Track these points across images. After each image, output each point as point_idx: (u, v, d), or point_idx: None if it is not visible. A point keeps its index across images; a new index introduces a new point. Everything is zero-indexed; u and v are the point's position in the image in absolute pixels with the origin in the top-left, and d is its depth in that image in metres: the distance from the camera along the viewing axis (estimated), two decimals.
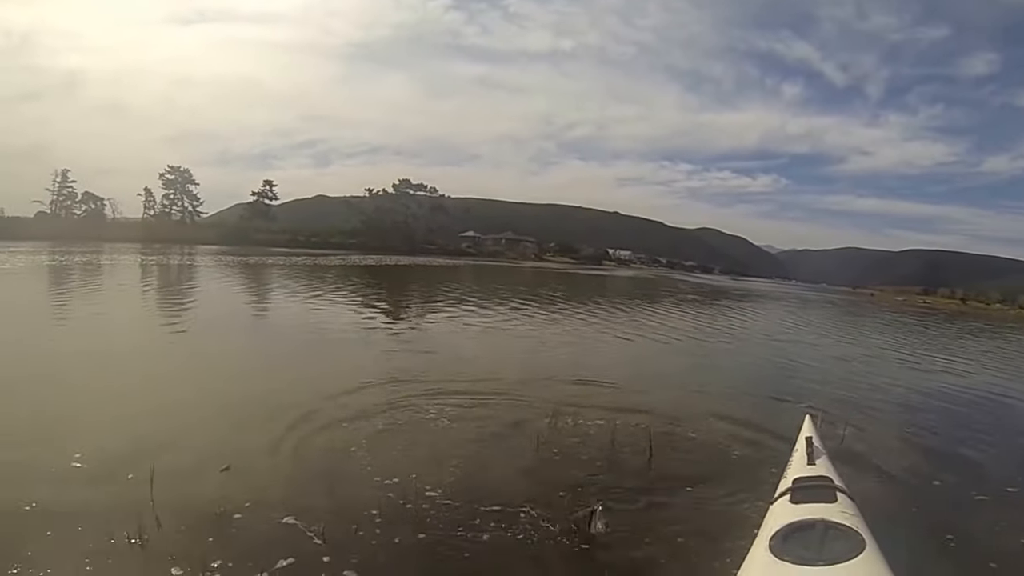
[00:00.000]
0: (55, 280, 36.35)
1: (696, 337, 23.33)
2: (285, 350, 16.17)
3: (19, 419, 8.66)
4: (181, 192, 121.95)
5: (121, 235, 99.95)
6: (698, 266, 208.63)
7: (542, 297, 39.00)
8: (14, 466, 7.04)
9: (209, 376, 12.75)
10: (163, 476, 6.60)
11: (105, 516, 5.92)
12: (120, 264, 52.14)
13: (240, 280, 42.43)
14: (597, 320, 27.03)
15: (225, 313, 24.52)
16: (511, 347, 18.63)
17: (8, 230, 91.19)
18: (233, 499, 6.38)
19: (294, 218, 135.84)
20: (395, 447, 8.43)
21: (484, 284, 49.99)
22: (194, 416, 9.30)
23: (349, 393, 10.93)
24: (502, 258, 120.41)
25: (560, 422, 9.66)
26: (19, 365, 12.49)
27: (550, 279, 65.54)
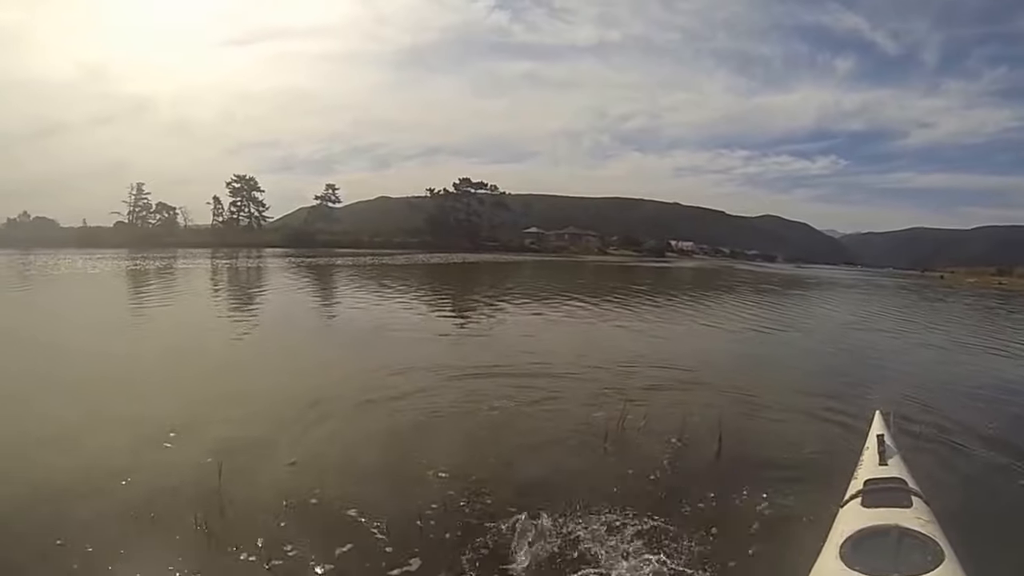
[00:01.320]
0: (137, 283, 37.75)
1: (764, 327, 22.59)
2: (355, 346, 16.39)
3: (100, 413, 9.10)
4: (247, 199, 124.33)
5: (193, 241, 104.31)
6: (760, 255, 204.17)
7: (608, 290, 38.30)
8: (99, 453, 7.50)
9: (279, 370, 13.18)
10: (232, 468, 6.83)
11: (177, 500, 6.24)
12: (193, 268, 53.21)
13: (307, 280, 42.09)
14: (664, 311, 26.62)
15: (294, 311, 24.84)
16: (579, 338, 18.38)
17: (91, 239, 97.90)
18: (299, 490, 6.55)
19: (357, 219, 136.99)
20: (460, 439, 8.48)
21: (549, 279, 49.26)
22: (263, 409, 9.56)
23: (421, 390, 10.92)
24: (565, 253, 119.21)
25: (630, 413, 9.34)
26: (113, 361, 13.29)
27: (614, 272, 64.46)
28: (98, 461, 7.16)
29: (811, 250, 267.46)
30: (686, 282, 55.02)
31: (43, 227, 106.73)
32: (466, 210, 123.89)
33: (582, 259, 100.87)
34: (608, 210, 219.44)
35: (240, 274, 48.28)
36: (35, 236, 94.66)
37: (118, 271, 47.20)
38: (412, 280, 42.87)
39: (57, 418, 8.73)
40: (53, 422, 8.56)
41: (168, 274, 45.31)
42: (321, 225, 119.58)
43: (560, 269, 65.55)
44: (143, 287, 34.45)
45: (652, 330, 20.71)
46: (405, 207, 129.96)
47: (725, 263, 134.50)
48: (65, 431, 8.22)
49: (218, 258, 69.45)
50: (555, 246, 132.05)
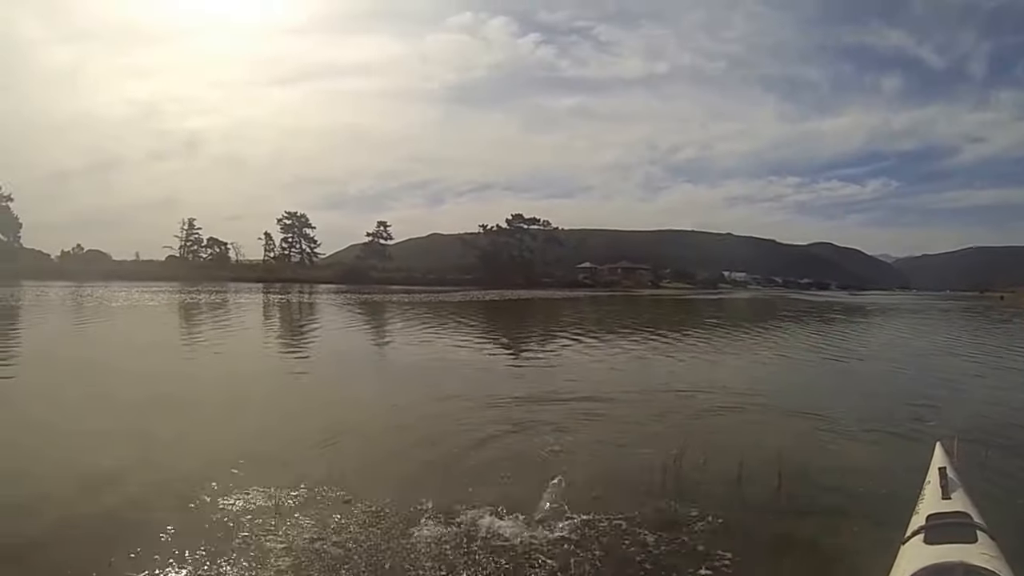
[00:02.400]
0: (194, 316, 38.75)
1: (822, 356, 22.36)
2: (420, 379, 16.34)
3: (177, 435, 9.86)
4: (299, 235, 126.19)
5: (244, 276, 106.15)
6: (814, 283, 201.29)
7: (664, 323, 38.39)
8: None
9: (340, 402, 13.46)
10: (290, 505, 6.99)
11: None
12: (248, 302, 53.84)
13: (361, 316, 42.33)
14: (725, 342, 26.45)
15: (351, 345, 25.34)
16: (637, 370, 18.18)
17: (143, 272, 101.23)
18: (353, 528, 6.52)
19: (409, 256, 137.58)
20: (524, 471, 8.32)
21: (604, 314, 49.05)
22: (323, 439, 9.67)
23: (481, 424, 10.86)
24: (618, 287, 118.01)
25: (690, 445, 8.89)
26: (190, 385, 14.68)
27: (669, 305, 64.13)
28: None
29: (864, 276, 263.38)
30: (744, 312, 54.73)
31: (97, 260, 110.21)
32: (519, 246, 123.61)
33: (636, 293, 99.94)
34: (660, 243, 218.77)
35: (298, 309, 48.61)
36: (89, 268, 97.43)
37: (177, 304, 48.45)
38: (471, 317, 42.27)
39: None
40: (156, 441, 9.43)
41: (225, 308, 45.89)
42: (373, 262, 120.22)
43: (614, 304, 64.75)
44: (203, 322, 34.77)
45: (712, 360, 20.68)
46: (458, 244, 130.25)
47: (779, 293, 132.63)
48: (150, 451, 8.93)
49: (272, 293, 70.43)
50: (608, 280, 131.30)
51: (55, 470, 8.27)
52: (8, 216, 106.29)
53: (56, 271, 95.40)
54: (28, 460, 8.79)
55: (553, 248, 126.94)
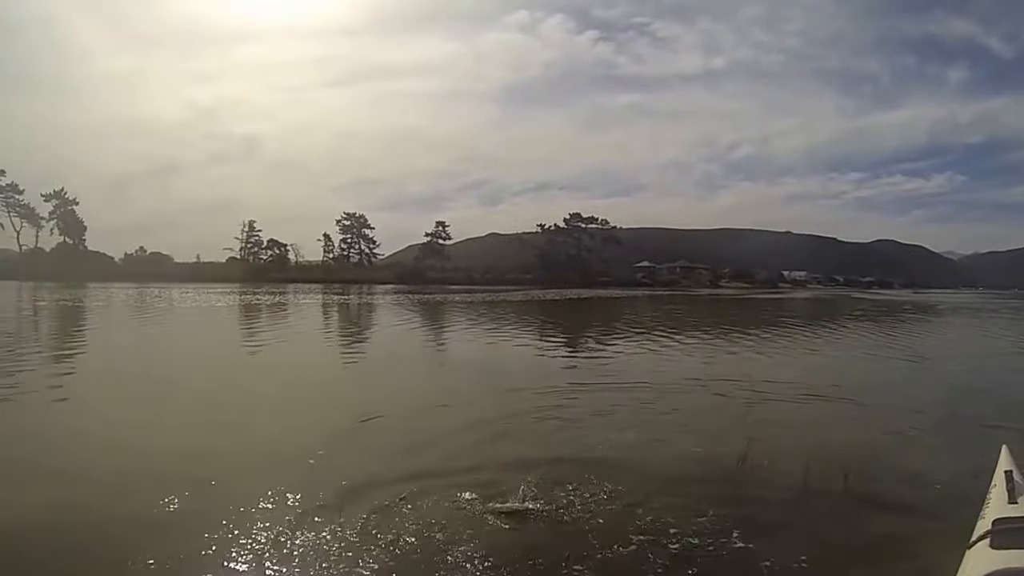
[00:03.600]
0: (264, 316, 40.04)
1: (895, 354, 21.88)
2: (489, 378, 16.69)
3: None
4: (357, 236, 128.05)
5: (304, 276, 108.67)
6: (876, 281, 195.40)
7: (726, 322, 38.21)
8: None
9: (403, 392, 14.21)
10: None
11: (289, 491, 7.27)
12: (309, 302, 55.28)
13: (423, 315, 42.75)
14: (787, 342, 26.05)
15: (415, 343, 25.96)
16: (704, 367, 18.16)
17: (204, 273, 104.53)
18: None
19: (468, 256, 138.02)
20: (588, 477, 7.99)
21: (666, 313, 48.71)
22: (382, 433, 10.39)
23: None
24: (677, 287, 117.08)
25: (755, 445, 9.08)
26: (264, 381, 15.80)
27: (729, 305, 63.37)
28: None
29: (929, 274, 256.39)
30: (808, 312, 53.53)
31: (159, 262, 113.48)
32: (577, 245, 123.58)
33: (695, 292, 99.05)
34: (719, 242, 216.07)
35: (361, 309, 49.58)
36: (151, 270, 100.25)
37: (245, 305, 50.02)
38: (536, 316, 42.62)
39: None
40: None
41: (290, 308, 47.36)
42: (432, 262, 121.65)
43: (674, 303, 64.09)
44: (272, 321, 35.98)
45: (779, 358, 20.60)
46: (516, 243, 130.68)
47: (841, 292, 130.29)
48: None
49: (333, 293, 71.75)
50: (667, 280, 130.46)
51: (173, 445, 9.22)
52: (73, 220, 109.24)
53: (120, 273, 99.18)
54: (145, 438, 9.71)
55: (611, 247, 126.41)
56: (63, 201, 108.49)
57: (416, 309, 48.12)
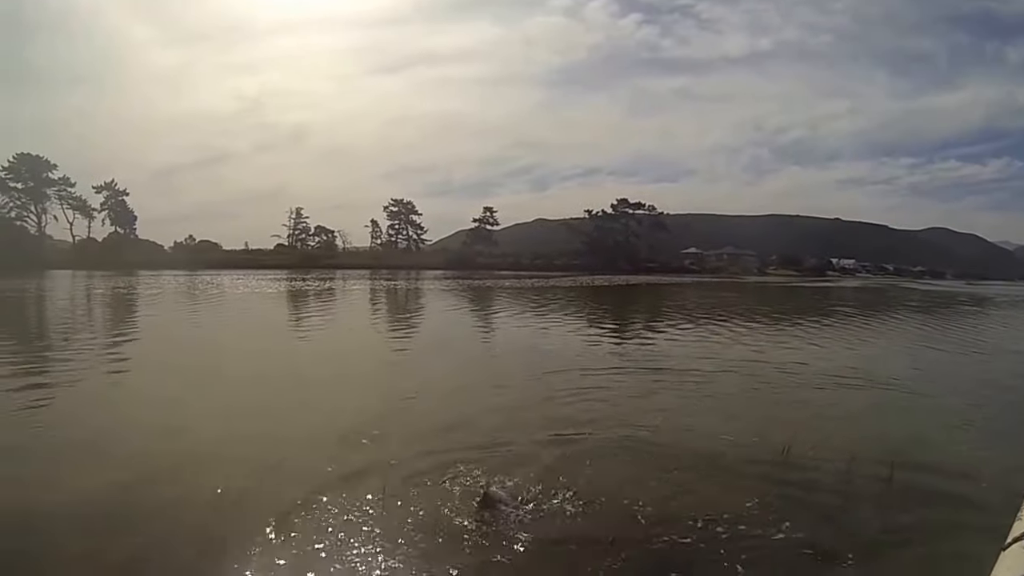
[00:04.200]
0: (309, 301, 40.95)
1: (947, 348, 21.40)
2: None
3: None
4: (405, 222, 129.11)
5: (352, 262, 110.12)
6: (927, 271, 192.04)
7: (773, 310, 38.23)
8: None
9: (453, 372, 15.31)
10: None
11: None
12: (356, 288, 56.18)
13: (473, 300, 43.52)
14: (837, 331, 26.14)
15: (471, 327, 27.39)
16: (752, 356, 18.20)
17: (253, 260, 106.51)
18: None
19: (516, 242, 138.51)
20: (633, 459, 8.55)
21: (713, 300, 48.52)
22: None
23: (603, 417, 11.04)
24: (724, 273, 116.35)
25: (802, 432, 9.32)
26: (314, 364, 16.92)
27: (776, 293, 63.00)
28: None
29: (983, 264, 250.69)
30: (860, 302, 51.81)
31: (208, 249, 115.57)
32: (624, 231, 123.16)
33: (742, 279, 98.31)
34: (766, 228, 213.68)
35: (409, 294, 50.35)
36: (200, 258, 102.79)
37: (293, 291, 50.85)
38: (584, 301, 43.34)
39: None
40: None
41: (338, 294, 48.51)
42: (480, 247, 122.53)
43: (722, 290, 64.06)
44: (318, 306, 37.06)
45: (831, 348, 20.53)
46: (563, 229, 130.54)
47: (890, 281, 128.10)
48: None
49: (381, 279, 73.05)
50: (714, 266, 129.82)
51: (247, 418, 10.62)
52: (124, 210, 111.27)
53: (169, 261, 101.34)
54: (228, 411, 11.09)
55: (658, 233, 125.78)
56: (113, 192, 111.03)
57: (465, 294, 48.64)
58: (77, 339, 20.94)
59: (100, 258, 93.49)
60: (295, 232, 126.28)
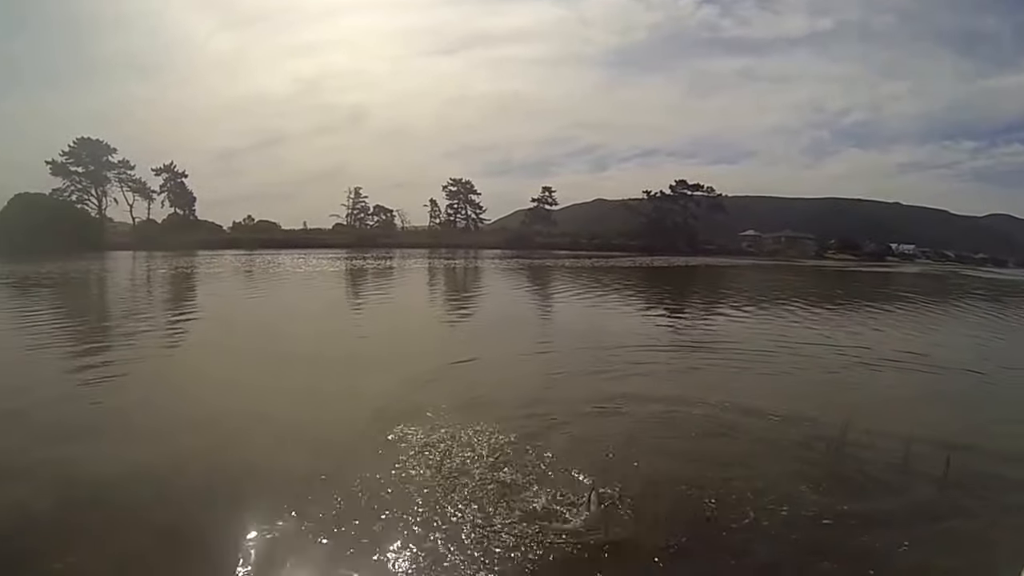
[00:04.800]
0: (367, 279, 42.46)
1: (1005, 339, 21.31)
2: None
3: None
4: (464, 201, 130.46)
5: (411, 241, 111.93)
6: (989, 258, 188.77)
7: (833, 295, 37.64)
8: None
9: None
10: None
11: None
12: (415, 267, 57.52)
13: (533, 279, 44.67)
14: (898, 318, 25.61)
15: (526, 305, 28.27)
16: (813, 340, 18.24)
17: (313, 240, 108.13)
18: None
19: (574, 222, 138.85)
20: (684, 440, 8.85)
21: (771, 283, 48.25)
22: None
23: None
24: (782, 256, 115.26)
25: (857, 417, 9.32)
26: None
27: (835, 277, 61.45)
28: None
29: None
30: (920, 288, 51.06)
31: (267, 230, 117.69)
32: (683, 213, 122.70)
33: (800, 263, 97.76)
34: (825, 211, 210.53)
35: (469, 273, 51.96)
36: (259, 238, 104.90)
37: (352, 269, 52.37)
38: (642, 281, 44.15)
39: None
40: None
41: (397, 272, 49.74)
42: (539, 227, 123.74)
43: (779, 273, 64.11)
44: (380, 283, 39.16)
45: (892, 335, 20.40)
46: (622, 210, 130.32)
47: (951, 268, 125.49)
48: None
49: (441, 258, 74.09)
50: (772, 249, 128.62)
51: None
52: (183, 192, 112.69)
53: (229, 241, 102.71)
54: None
55: (716, 215, 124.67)
56: (173, 174, 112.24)
57: (523, 273, 49.70)
58: (138, 318, 22.03)
59: (160, 239, 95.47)
60: (354, 212, 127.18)
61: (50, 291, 31.29)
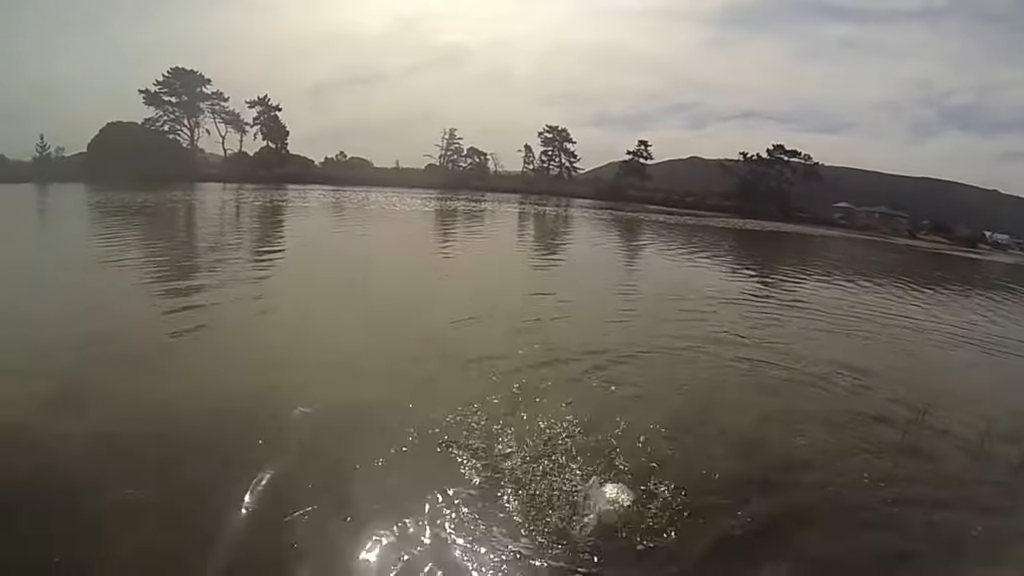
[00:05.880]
0: (458, 220, 44.95)
1: None
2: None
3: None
4: (559, 149, 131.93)
5: (503, 186, 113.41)
6: None
7: (931, 277, 36.02)
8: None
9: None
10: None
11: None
12: (507, 211, 59.80)
13: (625, 232, 46.33)
14: (1000, 306, 25.19)
15: (612, 256, 29.34)
16: (895, 317, 18.29)
17: (404, 179, 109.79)
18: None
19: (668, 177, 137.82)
20: (761, 416, 8.93)
21: (863, 258, 47.94)
22: None
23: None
24: (874, 232, 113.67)
25: (935, 406, 9.19)
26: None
27: (925, 259, 59.64)
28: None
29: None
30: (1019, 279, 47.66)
31: (359, 166, 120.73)
32: (778, 178, 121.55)
33: (893, 241, 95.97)
34: (921, 192, 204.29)
35: (564, 221, 53.51)
36: (350, 174, 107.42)
37: (442, 210, 54.53)
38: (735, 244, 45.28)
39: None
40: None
41: (487, 216, 51.66)
42: (632, 180, 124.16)
43: (872, 248, 63.46)
44: (471, 225, 41.80)
45: (992, 321, 20.50)
46: (717, 169, 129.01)
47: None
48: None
49: (533, 204, 76.53)
50: (864, 224, 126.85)
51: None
52: (276, 125, 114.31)
53: (320, 176, 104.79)
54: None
55: (811, 183, 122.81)
56: (266, 107, 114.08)
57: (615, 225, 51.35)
58: (227, 249, 23.05)
59: (251, 172, 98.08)
60: (447, 153, 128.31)
61: (150, 219, 33.03)
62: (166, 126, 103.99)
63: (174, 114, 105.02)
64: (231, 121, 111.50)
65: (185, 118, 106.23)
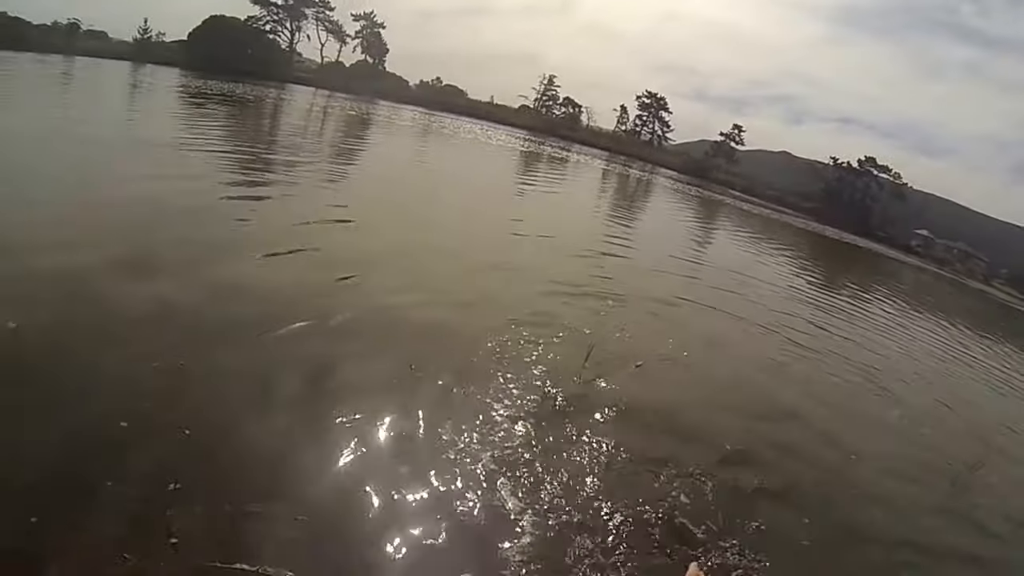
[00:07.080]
0: (540, 164, 45.30)
1: None
2: None
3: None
4: (654, 116, 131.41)
5: (591, 140, 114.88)
6: None
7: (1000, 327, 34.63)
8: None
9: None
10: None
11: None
12: (593, 164, 61.43)
13: (705, 211, 46.95)
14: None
15: (687, 231, 30.13)
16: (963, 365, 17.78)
17: (496, 115, 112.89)
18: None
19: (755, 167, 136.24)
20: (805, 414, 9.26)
21: (945, 295, 46.29)
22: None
23: None
24: (948, 268, 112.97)
25: (991, 457, 9.11)
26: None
27: (999, 310, 55.55)
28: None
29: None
30: None
31: (453, 94, 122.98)
32: (864, 191, 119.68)
33: (963, 282, 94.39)
34: (1006, 237, 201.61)
35: (649, 187, 54.95)
36: (443, 100, 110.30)
37: (529, 152, 55.23)
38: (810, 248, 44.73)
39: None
40: None
41: (571, 165, 53.21)
42: (720, 161, 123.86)
43: (947, 286, 61.65)
44: (552, 171, 42.09)
45: None
46: (806, 169, 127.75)
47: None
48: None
49: (619, 163, 78.42)
50: (940, 257, 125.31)
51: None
52: (378, 41, 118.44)
53: (412, 97, 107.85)
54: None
55: (895, 204, 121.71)
56: (371, 23, 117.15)
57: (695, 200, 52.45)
58: (309, 151, 23.73)
59: (344, 82, 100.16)
60: (542, 98, 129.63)
61: (253, 108, 34.60)
62: (268, 26, 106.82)
63: (278, 15, 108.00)
64: (333, 31, 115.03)
65: (288, 20, 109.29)
